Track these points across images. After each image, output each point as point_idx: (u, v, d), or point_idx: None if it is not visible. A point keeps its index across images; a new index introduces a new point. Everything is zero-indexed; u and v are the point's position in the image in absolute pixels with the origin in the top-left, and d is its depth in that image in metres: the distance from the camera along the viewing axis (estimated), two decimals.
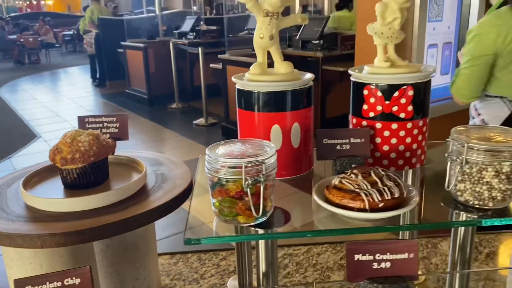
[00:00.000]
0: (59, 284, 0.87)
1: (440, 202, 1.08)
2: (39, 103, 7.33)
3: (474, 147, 0.99)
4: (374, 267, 0.90)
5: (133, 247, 1.36)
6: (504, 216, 0.99)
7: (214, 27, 7.17)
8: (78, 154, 1.08)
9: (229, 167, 0.94)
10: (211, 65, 5.34)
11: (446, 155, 1.03)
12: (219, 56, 5.07)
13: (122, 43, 7.26)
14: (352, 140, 1.21)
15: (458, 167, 1.01)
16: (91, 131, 1.16)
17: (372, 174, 1.03)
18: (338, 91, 4.67)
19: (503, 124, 1.78)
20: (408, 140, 1.23)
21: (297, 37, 5.15)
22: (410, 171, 1.26)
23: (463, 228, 1.13)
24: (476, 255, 1.77)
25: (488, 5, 2.37)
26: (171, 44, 6.38)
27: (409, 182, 1.25)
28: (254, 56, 1.36)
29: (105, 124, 1.37)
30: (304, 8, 9.14)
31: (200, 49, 5.56)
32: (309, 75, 1.26)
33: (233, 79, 1.26)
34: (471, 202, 1.02)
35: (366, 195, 0.97)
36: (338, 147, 1.21)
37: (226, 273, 1.68)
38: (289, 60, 1.25)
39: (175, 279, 1.59)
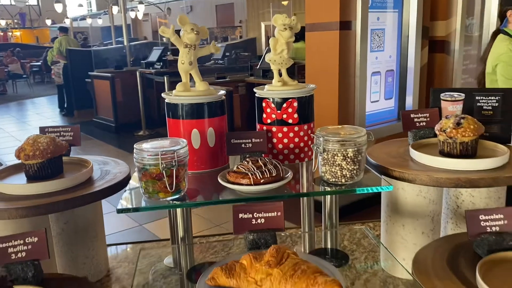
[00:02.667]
0: (21, 241, 1.19)
1: (312, 181, 1.47)
2: (5, 133, 7.46)
3: (329, 139, 1.38)
4: (253, 222, 1.26)
5: (83, 230, 1.67)
6: (354, 187, 1.37)
7: None
8: (38, 152, 1.42)
9: (150, 156, 1.30)
10: None
11: (311, 145, 1.42)
12: None
13: (90, 73, 7.52)
14: (253, 140, 1.59)
15: (320, 154, 1.40)
16: (49, 135, 1.50)
17: (259, 161, 1.40)
18: None
19: None
20: (296, 140, 1.62)
21: (258, 66, 5.63)
22: (303, 164, 1.65)
23: (328, 197, 1.52)
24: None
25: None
26: (138, 73, 6.67)
27: (301, 171, 1.63)
28: (213, 84, 1.73)
29: (62, 133, 1.71)
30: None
31: (166, 78, 5.86)
32: (222, 92, 1.65)
33: (163, 95, 1.64)
34: (330, 180, 1.41)
35: (252, 174, 1.35)
36: (243, 145, 1.59)
37: (164, 253, 1.99)
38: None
39: (121, 262, 1.90)
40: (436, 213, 1.56)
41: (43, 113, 9.50)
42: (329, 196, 1.51)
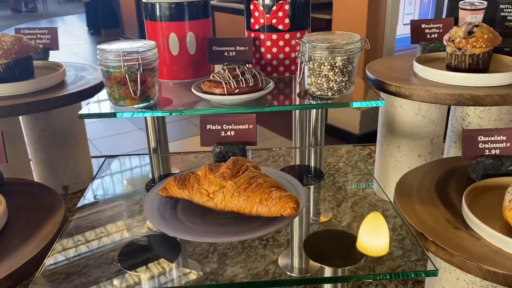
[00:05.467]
0: None
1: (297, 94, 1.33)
2: None
3: (316, 46, 1.21)
4: (221, 134, 1.15)
5: (61, 139, 1.63)
6: (340, 101, 1.23)
7: None
8: (2, 51, 1.32)
9: (113, 57, 1.18)
10: None
11: (297, 53, 1.26)
12: None
13: None
14: (237, 47, 1.44)
15: (305, 63, 1.24)
16: (15, 34, 1.39)
17: (237, 70, 1.26)
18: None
19: None
20: (287, 49, 1.46)
21: None
22: (292, 76, 1.50)
23: (313, 112, 1.39)
24: None
25: None
26: None
27: (287, 83, 1.48)
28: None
29: (38, 36, 1.60)
30: None
31: None
32: None
33: None
34: (316, 93, 1.26)
35: (226, 83, 1.22)
36: (225, 53, 1.44)
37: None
38: None
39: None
40: (436, 134, 1.41)
41: (72, 31, 9.43)
42: (314, 111, 1.38)
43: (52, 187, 1.22)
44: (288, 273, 1.18)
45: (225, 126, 1.14)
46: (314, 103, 1.26)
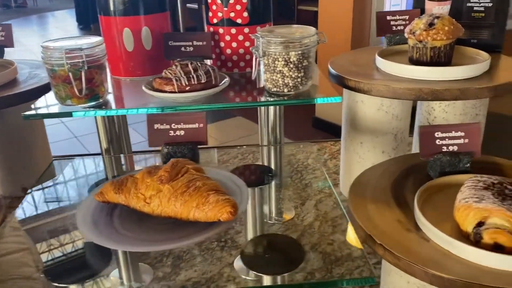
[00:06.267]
0: None
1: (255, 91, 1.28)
2: (22, 46, 7.36)
3: (270, 40, 1.17)
4: (170, 134, 1.11)
5: (19, 139, 1.57)
6: (297, 98, 1.19)
7: None
8: None
9: (57, 55, 1.13)
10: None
11: (251, 48, 1.21)
12: None
13: None
14: (195, 42, 1.38)
15: (260, 59, 1.20)
16: None
17: (189, 66, 1.21)
18: None
19: None
20: (247, 44, 1.40)
21: None
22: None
23: (271, 110, 1.34)
24: None
25: None
26: None
27: (245, 80, 1.43)
28: None
29: None
30: None
31: None
32: None
33: None
34: (272, 89, 1.22)
35: (176, 80, 1.17)
36: (182, 48, 1.39)
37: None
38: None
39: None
40: (400, 130, 1.37)
41: (63, 26, 9.31)
42: (272, 108, 1.33)
43: (12, 189, 1.18)
44: (243, 276, 1.14)
45: (173, 126, 1.09)
46: (272, 100, 1.21)
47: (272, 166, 1.42)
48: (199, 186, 0.85)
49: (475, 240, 0.83)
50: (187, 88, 1.16)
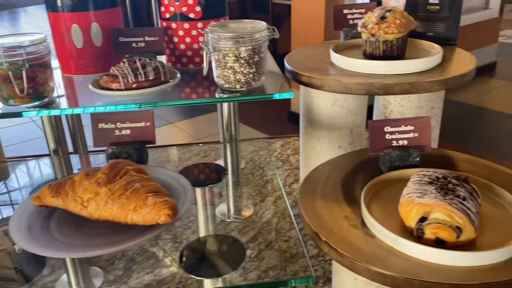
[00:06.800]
0: None
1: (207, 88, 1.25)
2: None
3: (220, 36, 1.14)
4: (116, 134, 1.07)
5: None
6: (250, 94, 1.16)
7: None
8: None
9: None
10: None
11: (201, 44, 1.18)
12: None
13: None
14: (146, 38, 1.35)
15: (211, 54, 1.17)
16: None
17: (137, 62, 1.18)
18: (289, 26, 4.73)
19: None
20: (201, 39, 1.37)
21: None
22: None
23: (225, 107, 1.32)
24: None
25: None
26: None
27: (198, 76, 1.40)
28: None
29: None
30: None
31: None
32: None
33: None
34: (224, 86, 1.19)
35: (123, 77, 1.13)
36: (134, 44, 1.35)
37: None
38: None
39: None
40: (356, 125, 1.36)
41: (34, 22, 9.07)
42: (226, 105, 1.30)
43: None
44: (195, 277, 1.12)
45: (119, 125, 1.06)
46: (225, 96, 1.19)
47: (229, 164, 1.40)
48: (138, 188, 0.82)
49: (418, 236, 0.83)
50: (134, 86, 1.13)
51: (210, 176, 1.36)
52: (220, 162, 1.62)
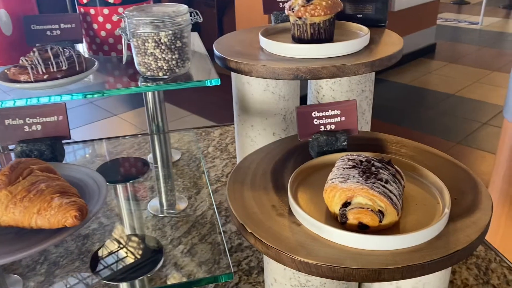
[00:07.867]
0: None
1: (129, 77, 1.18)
2: None
3: (139, 20, 1.07)
4: (25, 130, 0.98)
5: None
6: (174, 82, 1.10)
7: None
8: None
9: None
10: None
11: (119, 30, 1.11)
12: None
13: None
14: (62, 25, 1.25)
15: (129, 41, 1.10)
16: None
17: (49, 52, 1.09)
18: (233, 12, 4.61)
19: None
20: (123, 25, 1.29)
21: None
22: None
23: (149, 96, 1.26)
24: None
25: None
26: None
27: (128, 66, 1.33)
28: None
29: None
30: None
31: None
32: None
33: None
34: (146, 74, 1.13)
35: (32, 68, 1.04)
36: (48, 32, 1.25)
37: None
38: None
39: None
40: (289, 110, 1.34)
41: None
42: (150, 94, 1.24)
43: None
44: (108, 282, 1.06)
45: (28, 120, 0.97)
46: (148, 85, 1.12)
47: (158, 156, 1.34)
48: (42, 189, 0.75)
49: (342, 222, 0.82)
50: (45, 77, 1.04)
51: (130, 171, 1.29)
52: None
